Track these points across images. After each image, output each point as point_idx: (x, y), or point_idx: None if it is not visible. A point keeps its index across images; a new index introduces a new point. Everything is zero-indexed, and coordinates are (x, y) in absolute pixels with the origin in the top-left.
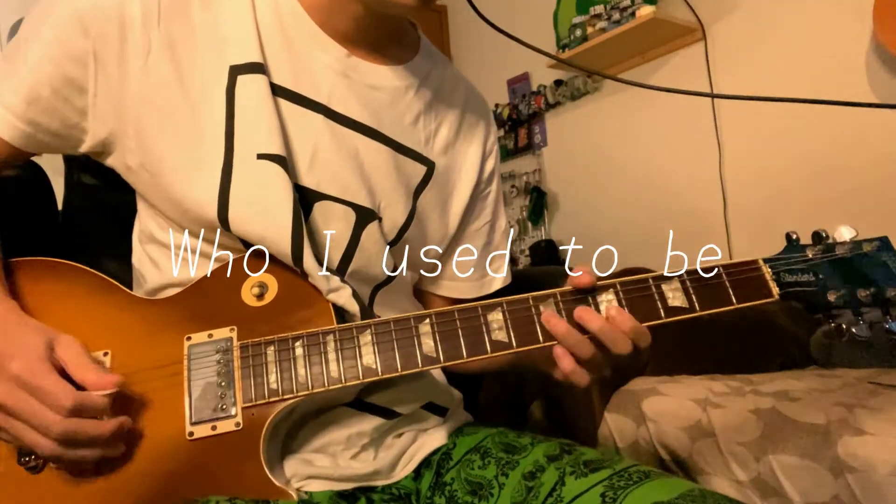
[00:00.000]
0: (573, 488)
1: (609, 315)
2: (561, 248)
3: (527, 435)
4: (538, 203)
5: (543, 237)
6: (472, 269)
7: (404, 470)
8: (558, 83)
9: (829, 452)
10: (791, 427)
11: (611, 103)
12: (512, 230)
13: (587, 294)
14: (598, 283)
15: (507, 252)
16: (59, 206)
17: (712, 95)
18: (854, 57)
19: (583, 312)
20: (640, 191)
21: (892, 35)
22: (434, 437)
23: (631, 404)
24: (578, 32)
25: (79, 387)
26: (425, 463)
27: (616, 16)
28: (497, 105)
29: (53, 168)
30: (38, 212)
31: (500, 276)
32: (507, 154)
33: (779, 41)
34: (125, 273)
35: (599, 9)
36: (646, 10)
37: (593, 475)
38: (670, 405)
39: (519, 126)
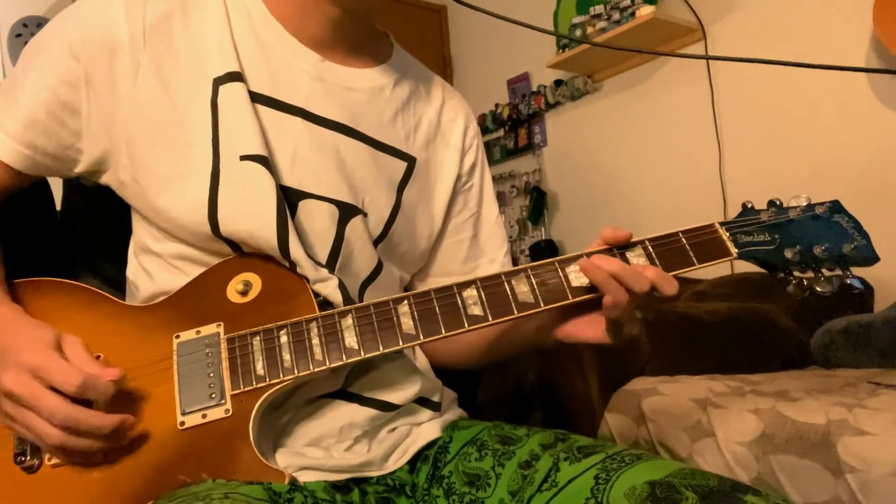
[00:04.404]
0: (567, 473)
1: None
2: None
3: (522, 427)
4: (538, 203)
5: (543, 237)
6: (461, 262)
7: (398, 462)
8: (558, 83)
9: (829, 452)
10: (791, 427)
11: (611, 103)
12: (511, 229)
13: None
14: (563, 257)
15: (504, 243)
16: (58, 209)
17: (707, 57)
18: (854, 57)
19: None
20: (640, 191)
21: (892, 35)
22: (428, 431)
23: (631, 404)
24: (578, 32)
25: None
26: (422, 457)
27: (616, 16)
28: (497, 105)
29: None
30: (36, 214)
31: (493, 267)
32: (507, 154)
33: (779, 41)
34: (123, 275)
35: (599, 9)
36: (646, 10)
37: (587, 460)
38: (670, 405)
39: (519, 126)
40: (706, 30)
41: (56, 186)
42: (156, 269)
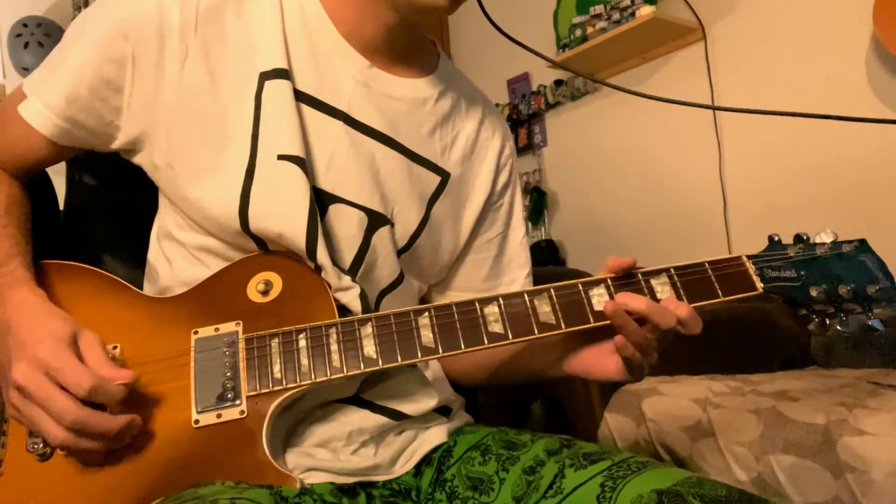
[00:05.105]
0: (573, 480)
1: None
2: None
3: (527, 432)
4: (538, 203)
5: (543, 237)
6: (482, 280)
7: (405, 466)
8: (558, 83)
9: (829, 452)
10: (791, 427)
11: (611, 103)
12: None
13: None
14: (587, 279)
15: (527, 264)
16: (61, 207)
17: (713, 108)
18: (854, 56)
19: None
20: (640, 191)
21: (892, 35)
22: (435, 435)
23: (631, 404)
24: (578, 32)
25: None
26: (426, 460)
27: (616, 16)
28: (497, 105)
29: (55, 168)
30: (39, 212)
31: (513, 288)
32: None
33: (779, 41)
34: (126, 272)
35: (599, 9)
36: (646, 10)
37: (592, 467)
38: (670, 405)
39: (519, 126)
40: (706, 30)
41: (59, 186)
42: (177, 257)
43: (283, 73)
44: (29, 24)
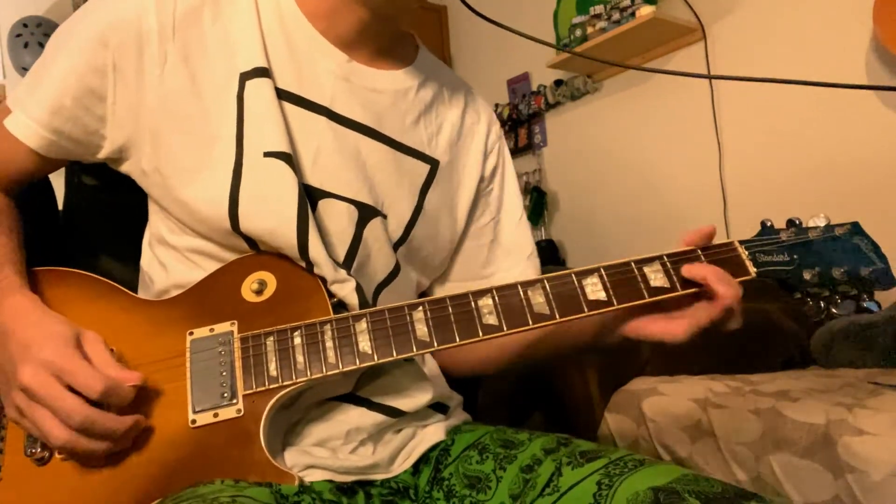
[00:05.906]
0: (570, 478)
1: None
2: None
3: (525, 431)
4: (538, 203)
5: (543, 237)
6: (480, 266)
7: (403, 464)
8: (558, 83)
9: (829, 452)
10: (791, 427)
11: (611, 103)
12: None
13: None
14: (579, 269)
15: (528, 245)
16: (60, 207)
17: (709, 77)
18: (854, 56)
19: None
20: (640, 191)
21: (892, 35)
22: (433, 433)
23: (631, 404)
24: (578, 32)
25: None
26: (424, 459)
27: (616, 16)
28: (497, 105)
29: None
30: (38, 212)
31: (516, 270)
32: None
33: (779, 41)
34: (125, 273)
35: (599, 9)
36: (646, 10)
37: (589, 464)
38: (670, 405)
39: (519, 126)
40: (706, 30)
41: (58, 185)
42: (171, 261)
43: (263, 72)
44: (29, 24)
